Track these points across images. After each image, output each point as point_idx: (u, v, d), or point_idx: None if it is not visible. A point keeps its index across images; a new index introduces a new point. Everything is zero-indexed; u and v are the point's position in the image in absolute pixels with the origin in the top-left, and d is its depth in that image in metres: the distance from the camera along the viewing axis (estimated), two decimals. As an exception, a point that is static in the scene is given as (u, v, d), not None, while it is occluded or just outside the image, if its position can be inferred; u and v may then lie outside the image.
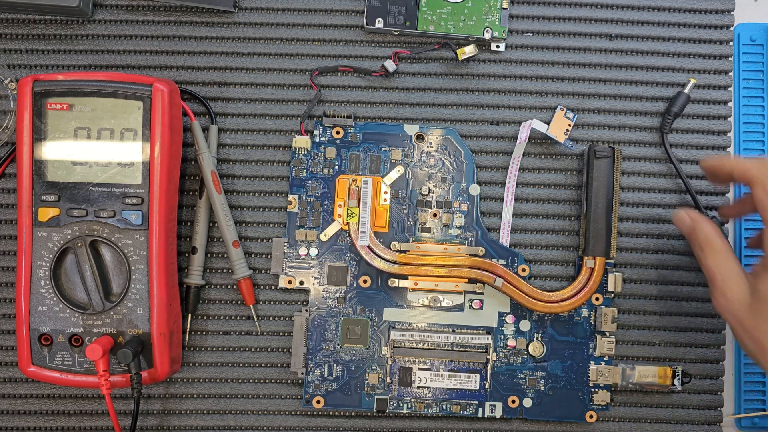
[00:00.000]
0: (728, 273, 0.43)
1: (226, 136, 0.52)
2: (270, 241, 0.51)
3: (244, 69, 0.52)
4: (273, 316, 0.51)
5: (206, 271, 0.51)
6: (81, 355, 0.47)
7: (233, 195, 0.52)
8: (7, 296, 0.51)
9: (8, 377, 0.51)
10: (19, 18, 0.52)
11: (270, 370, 0.51)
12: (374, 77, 0.52)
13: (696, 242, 0.45)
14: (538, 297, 0.50)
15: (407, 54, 0.51)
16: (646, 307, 0.52)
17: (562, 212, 0.52)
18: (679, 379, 0.50)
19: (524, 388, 0.51)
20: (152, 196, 0.47)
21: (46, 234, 0.47)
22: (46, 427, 0.51)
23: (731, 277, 0.42)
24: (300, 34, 0.52)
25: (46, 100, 0.46)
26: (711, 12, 0.52)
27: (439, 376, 0.50)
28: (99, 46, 0.52)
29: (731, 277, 0.42)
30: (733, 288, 0.42)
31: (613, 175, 0.50)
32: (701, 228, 0.45)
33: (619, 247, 0.52)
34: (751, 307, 0.41)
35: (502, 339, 0.51)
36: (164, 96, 0.46)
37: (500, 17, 0.51)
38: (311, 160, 0.51)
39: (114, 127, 0.47)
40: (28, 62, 0.51)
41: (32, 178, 0.46)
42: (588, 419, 0.51)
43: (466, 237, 0.51)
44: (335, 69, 0.51)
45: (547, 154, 0.52)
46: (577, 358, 0.51)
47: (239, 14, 0.52)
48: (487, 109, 0.52)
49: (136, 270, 0.47)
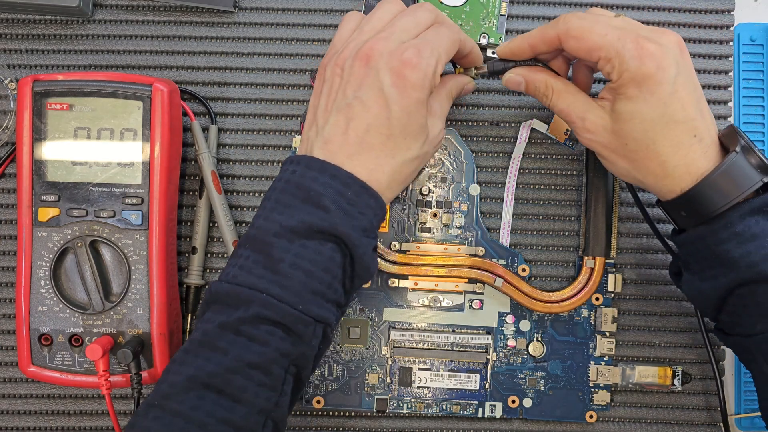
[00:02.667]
0: (582, 108, 0.43)
1: (226, 136, 0.52)
2: (270, 241, 0.51)
3: (244, 69, 0.52)
4: (273, 316, 0.51)
5: (206, 271, 0.51)
6: (81, 355, 0.47)
7: (233, 195, 0.52)
8: (7, 296, 0.51)
9: (8, 377, 0.51)
10: (19, 18, 0.52)
11: (270, 370, 0.51)
12: None
13: (539, 93, 0.45)
14: (538, 297, 0.50)
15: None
16: (646, 307, 0.52)
17: (562, 212, 0.52)
18: (679, 379, 0.50)
19: (524, 388, 0.51)
20: (152, 196, 0.47)
21: (46, 234, 0.47)
22: (46, 427, 0.51)
23: (586, 110, 0.43)
24: (300, 34, 0.52)
25: (46, 100, 0.46)
26: (711, 12, 0.52)
27: (439, 376, 0.50)
28: (99, 46, 0.52)
29: (587, 111, 0.43)
30: (593, 119, 0.43)
31: (613, 175, 0.50)
32: (536, 77, 0.45)
33: (619, 247, 0.52)
34: (613, 130, 0.42)
35: (502, 339, 0.51)
36: (164, 96, 0.46)
37: (497, 23, 0.51)
38: (311, 160, 0.51)
39: (114, 127, 0.47)
40: (28, 62, 0.51)
41: (32, 178, 0.46)
42: (588, 419, 0.51)
43: (466, 237, 0.51)
44: None
45: (547, 154, 0.52)
46: (577, 358, 0.51)
47: (239, 14, 0.52)
48: (487, 109, 0.52)
49: (136, 270, 0.47)
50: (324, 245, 0.39)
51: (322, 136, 0.41)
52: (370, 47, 0.40)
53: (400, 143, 0.41)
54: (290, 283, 0.38)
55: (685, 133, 0.40)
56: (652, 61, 0.39)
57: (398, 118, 0.40)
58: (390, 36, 0.41)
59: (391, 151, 0.41)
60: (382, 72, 0.40)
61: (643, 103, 0.40)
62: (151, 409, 0.37)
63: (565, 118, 0.44)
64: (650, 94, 0.40)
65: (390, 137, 0.41)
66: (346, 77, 0.41)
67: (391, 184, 0.42)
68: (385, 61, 0.40)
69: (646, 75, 0.39)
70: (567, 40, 0.42)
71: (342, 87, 0.41)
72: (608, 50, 0.40)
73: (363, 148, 0.40)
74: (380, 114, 0.40)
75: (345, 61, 0.41)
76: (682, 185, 0.41)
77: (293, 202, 0.39)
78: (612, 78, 0.41)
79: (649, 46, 0.39)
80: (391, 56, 0.40)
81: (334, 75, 0.42)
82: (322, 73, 0.43)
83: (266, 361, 0.37)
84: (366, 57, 0.40)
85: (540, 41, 0.44)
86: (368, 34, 0.42)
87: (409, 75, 0.40)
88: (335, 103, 0.41)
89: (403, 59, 0.40)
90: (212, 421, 0.36)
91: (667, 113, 0.40)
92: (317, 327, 0.39)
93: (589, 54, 0.41)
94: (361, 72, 0.40)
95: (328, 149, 0.40)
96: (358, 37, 0.42)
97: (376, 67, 0.40)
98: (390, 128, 0.40)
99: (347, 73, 0.41)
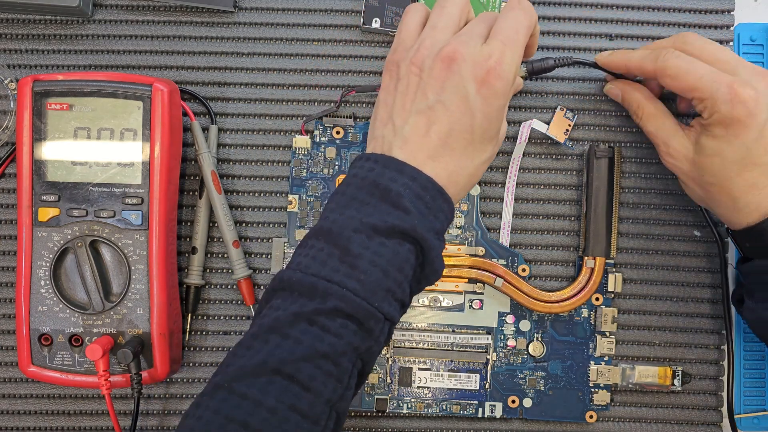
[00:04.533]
0: (668, 134, 0.46)
1: (226, 136, 0.52)
2: (270, 241, 0.51)
3: (244, 69, 0.52)
4: (273, 316, 0.51)
5: (206, 271, 0.51)
6: (81, 355, 0.47)
7: (233, 195, 0.52)
8: (7, 296, 0.51)
9: (8, 377, 0.51)
10: (19, 18, 0.52)
11: (270, 370, 0.51)
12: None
13: (631, 110, 0.49)
14: (538, 297, 0.50)
15: None
16: (646, 307, 0.52)
17: (562, 212, 0.52)
18: (679, 379, 0.50)
19: (524, 388, 0.51)
20: (152, 196, 0.47)
21: (46, 234, 0.47)
22: (46, 427, 0.51)
23: (672, 137, 0.46)
24: (300, 34, 0.52)
25: (46, 100, 0.46)
26: (711, 12, 0.52)
27: (439, 376, 0.50)
28: (99, 46, 0.52)
29: (672, 137, 0.46)
30: (676, 147, 0.46)
31: (613, 175, 0.50)
32: (631, 95, 0.48)
33: (619, 247, 0.52)
34: (694, 161, 0.45)
35: (502, 339, 0.51)
36: (164, 96, 0.46)
37: None
38: (311, 160, 0.51)
39: (114, 127, 0.47)
40: (28, 62, 0.51)
41: (32, 178, 0.46)
42: (588, 419, 0.51)
43: (466, 237, 0.51)
44: (372, 89, 0.51)
45: (547, 154, 0.52)
46: (577, 358, 0.51)
47: (239, 14, 0.52)
48: (487, 109, 0.52)
49: (136, 270, 0.47)
50: (402, 246, 0.38)
51: (402, 136, 0.40)
52: (453, 50, 0.40)
53: (478, 147, 0.41)
54: (368, 279, 0.37)
55: (761, 175, 0.43)
56: (743, 108, 0.41)
57: (480, 125, 0.40)
58: (470, 39, 0.40)
59: (471, 155, 0.41)
60: (466, 79, 0.40)
61: (727, 144, 0.42)
62: (218, 391, 0.36)
63: (652, 139, 0.47)
64: (735, 137, 0.42)
65: (471, 142, 0.41)
66: (425, 78, 0.41)
67: (466, 186, 0.42)
68: (469, 68, 0.40)
69: (735, 119, 0.42)
70: (663, 78, 0.44)
71: (422, 88, 0.41)
72: (703, 92, 0.42)
73: (444, 151, 0.40)
74: (463, 119, 0.40)
75: (423, 62, 0.41)
76: (750, 220, 0.44)
77: (370, 200, 0.39)
78: (703, 116, 0.43)
79: (744, 91, 0.41)
80: (476, 63, 0.40)
81: (411, 74, 0.41)
82: (394, 70, 0.42)
83: (337, 353, 0.37)
84: (448, 60, 0.40)
85: (637, 69, 0.47)
86: (443, 33, 0.41)
87: (494, 84, 0.40)
88: (414, 104, 0.41)
89: (488, 68, 0.39)
90: (282, 406, 0.36)
91: (748, 156, 0.42)
92: (386, 324, 0.39)
93: (684, 92, 0.44)
94: (443, 75, 0.40)
95: (408, 150, 0.40)
96: (433, 35, 0.41)
97: (459, 72, 0.40)
98: (472, 133, 0.40)
99: (427, 74, 0.40)
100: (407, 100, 0.41)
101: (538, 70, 0.49)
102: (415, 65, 0.41)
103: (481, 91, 0.40)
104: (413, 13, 0.44)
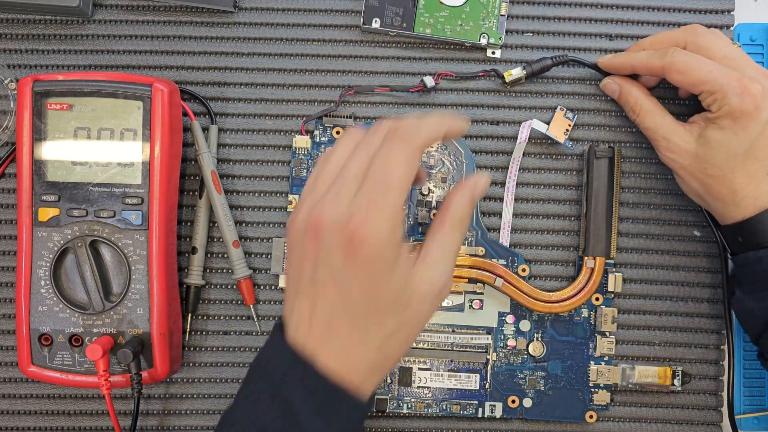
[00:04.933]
0: (669, 130, 0.47)
1: (226, 136, 0.52)
2: (270, 241, 0.51)
3: (244, 69, 0.52)
4: (273, 316, 0.51)
5: (206, 271, 0.51)
6: (81, 355, 0.47)
7: (233, 195, 0.52)
8: (7, 296, 0.51)
9: (8, 377, 0.51)
10: (19, 18, 0.52)
11: (270, 370, 0.51)
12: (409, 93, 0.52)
13: (627, 106, 0.49)
14: (538, 297, 0.50)
15: (452, 76, 0.51)
16: (646, 307, 0.52)
17: (562, 212, 0.52)
18: (679, 379, 0.50)
19: (524, 388, 0.51)
20: (152, 196, 0.47)
21: (46, 234, 0.47)
22: (46, 427, 0.51)
23: (673, 132, 0.47)
24: (300, 34, 0.52)
25: (46, 100, 0.46)
26: (711, 12, 0.52)
27: (439, 376, 0.50)
28: (99, 46, 0.52)
29: (673, 133, 0.47)
30: (677, 141, 0.46)
31: (613, 175, 0.50)
32: (629, 92, 0.49)
33: (619, 247, 0.52)
34: (696, 155, 0.45)
35: (502, 339, 0.51)
36: (164, 96, 0.46)
37: (497, 23, 0.51)
38: (311, 160, 0.51)
39: (114, 127, 0.47)
40: (28, 62, 0.51)
41: (32, 178, 0.46)
42: (588, 419, 0.51)
43: (466, 237, 0.51)
44: (371, 89, 0.51)
45: (547, 154, 0.52)
46: (577, 358, 0.51)
47: (239, 14, 0.52)
48: (487, 109, 0.52)
49: (136, 270, 0.47)
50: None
51: (292, 319, 0.36)
52: (317, 217, 0.35)
53: (369, 323, 0.35)
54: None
55: (761, 169, 0.44)
56: (752, 101, 0.43)
57: (359, 300, 0.35)
58: (337, 195, 0.35)
59: (363, 334, 0.35)
60: (332, 251, 0.34)
61: (733, 136, 0.44)
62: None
63: (650, 136, 0.48)
64: (742, 129, 0.43)
65: (354, 320, 0.35)
66: (299, 253, 0.36)
67: (373, 369, 0.36)
68: (331, 236, 0.34)
69: (744, 111, 0.43)
70: (671, 74, 0.45)
71: (299, 264, 0.36)
72: (713, 85, 0.44)
73: (329, 334, 0.35)
74: (338, 298, 0.35)
75: (298, 234, 0.36)
76: (745, 213, 0.45)
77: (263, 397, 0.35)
78: (712, 109, 0.45)
79: (753, 86, 0.43)
80: (337, 229, 0.34)
81: (292, 247, 0.37)
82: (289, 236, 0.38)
83: None
84: (314, 231, 0.35)
85: (643, 66, 0.47)
86: (320, 190, 0.36)
87: (361, 253, 0.34)
88: (297, 283, 0.36)
89: (348, 232, 0.34)
90: None
91: (751, 149, 0.44)
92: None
93: (693, 87, 0.45)
94: (313, 248, 0.35)
95: (299, 334, 0.36)
96: (310, 195, 0.37)
97: (324, 242, 0.34)
98: (353, 312, 0.35)
99: (300, 249, 0.36)
100: (291, 277, 0.37)
101: (537, 71, 0.49)
102: (293, 236, 0.37)
103: (349, 263, 0.34)
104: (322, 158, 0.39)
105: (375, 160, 0.35)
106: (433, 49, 0.52)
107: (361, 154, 0.36)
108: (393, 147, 0.35)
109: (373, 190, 0.34)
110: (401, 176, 0.35)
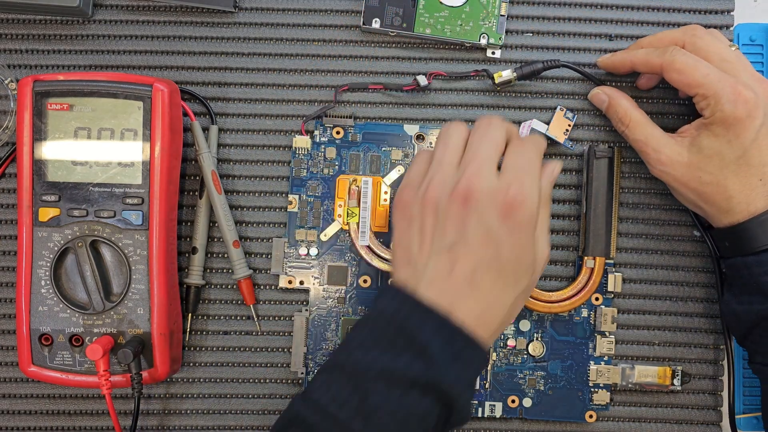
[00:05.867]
0: (659, 142, 0.46)
1: (226, 136, 0.52)
2: (270, 241, 0.51)
3: (244, 69, 0.52)
4: (273, 316, 0.51)
5: (206, 271, 0.51)
6: (81, 355, 0.47)
7: (233, 195, 0.52)
8: (7, 296, 0.51)
9: (8, 377, 0.51)
10: (19, 18, 0.52)
11: (270, 370, 0.51)
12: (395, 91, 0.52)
13: (616, 117, 0.49)
14: (538, 297, 0.50)
15: (444, 75, 0.51)
16: (645, 307, 0.52)
17: (562, 212, 0.52)
18: (678, 379, 0.50)
19: (524, 388, 0.51)
20: (152, 196, 0.47)
21: (46, 234, 0.47)
22: (46, 427, 0.51)
23: (664, 144, 0.46)
24: (300, 34, 0.52)
25: (46, 100, 0.46)
26: (711, 12, 0.53)
27: (439, 376, 0.50)
28: (99, 46, 0.52)
29: (664, 145, 0.46)
30: (668, 153, 0.46)
31: (612, 175, 0.50)
32: (618, 103, 0.49)
33: (619, 247, 0.52)
34: (690, 164, 0.45)
35: (502, 339, 0.51)
36: (164, 96, 0.46)
37: (497, 24, 0.51)
38: (311, 160, 0.51)
39: (114, 127, 0.47)
40: (28, 62, 0.51)
41: (32, 178, 0.46)
42: (588, 419, 0.51)
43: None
44: (365, 86, 0.51)
45: (547, 154, 0.52)
46: (577, 358, 0.51)
47: (239, 14, 0.52)
48: (488, 110, 0.52)
49: (136, 270, 0.47)
50: (423, 399, 0.37)
51: (426, 277, 0.39)
52: (467, 186, 0.39)
53: (510, 281, 0.40)
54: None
55: (754, 176, 0.44)
56: (744, 108, 0.43)
57: (508, 258, 0.39)
58: (481, 170, 0.40)
59: (502, 290, 0.39)
60: (487, 213, 0.39)
61: (726, 143, 0.44)
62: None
63: (640, 148, 0.47)
64: (735, 136, 0.44)
65: (500, 276, 0.39)
66: (442, 218, 0.39)
67: (502, 324, 0.40)
68: (488, 202, 0.39)
69: (737, 119, 0.43)
70: (670, 72, 0.45)
71: (439, 227, 0.40)
72: (707, 89, 0.44)
73: (471, 290, 0.39)
74: (488, 255, 0.39)
75: (437, 201, 0.40)
76: (738, 218, 0.45)
77: (395, 344, 0.37)
78: (705, 114, 0.45)
79: (746, 93, 0.43)
80: (494, 196, 0.39)
81: (425, 214, 0.40)
82: (405, 211, 0.41)
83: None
84: (464, 198, 0.39)
85: (642, 64, 0.47)
86: (450, 167, 0.41)
87: (518, 215, 0.39)
88: (434, 244, 0.40)
89: (508, 199, 0.39)
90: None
91: (744, 156, 0.44)
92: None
93: (689, 88, 0.45)
94: (461, 213, 0.39)
95: (433, 291, 0.39)
96: (441, 171, 0.41)
97: (478, 208, 0.39)
98: (500, 269, 0.39)
99: (443, 213, 0.39)
100: (425, 240, 0.40)
101: (527, 74, 0.50)
102: (429, 205, 0.40)
103: (506, 224, 0.39)
104: (421, 157, 0.43)
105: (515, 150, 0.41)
106: (433, 49, 0.52)
107: (491, 143, 0.41)
108: (528, 147, 0.42)
109: (521, 170, 0.40)
110: (539, 167, 0.41)
